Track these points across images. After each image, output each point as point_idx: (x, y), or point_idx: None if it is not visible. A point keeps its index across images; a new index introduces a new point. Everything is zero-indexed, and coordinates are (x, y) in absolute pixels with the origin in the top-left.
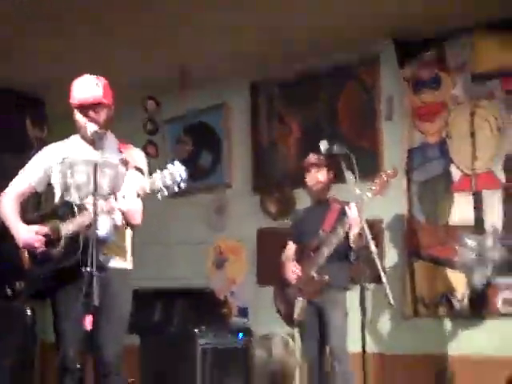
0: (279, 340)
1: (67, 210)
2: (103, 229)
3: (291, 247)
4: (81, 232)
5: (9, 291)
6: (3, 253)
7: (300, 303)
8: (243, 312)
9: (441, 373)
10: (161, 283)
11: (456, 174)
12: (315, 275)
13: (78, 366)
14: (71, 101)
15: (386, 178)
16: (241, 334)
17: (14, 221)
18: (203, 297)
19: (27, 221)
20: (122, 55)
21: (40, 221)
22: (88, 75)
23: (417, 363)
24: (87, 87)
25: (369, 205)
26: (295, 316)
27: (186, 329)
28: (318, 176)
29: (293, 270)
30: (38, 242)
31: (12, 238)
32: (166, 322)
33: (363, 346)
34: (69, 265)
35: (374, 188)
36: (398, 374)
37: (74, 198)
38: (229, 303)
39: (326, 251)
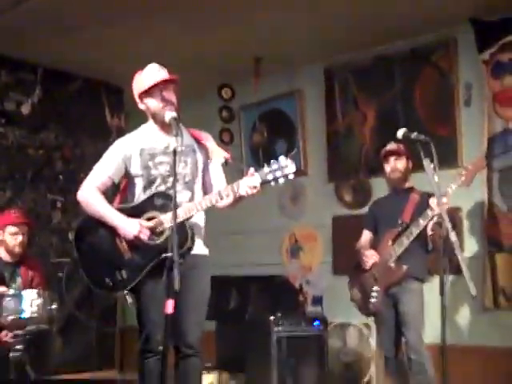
0: (354, 329)
1: (166, 201)
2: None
3: (366, 236)
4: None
5: (109, 282)
6: (96, 244)
7: (376, 293)
8: (318, 301)
9: None
10: (237, 271)
11: None
12: (393, 265)
13: (160, 348)
14: (140, 89)
15: (473, 169)
16: (316, 323)
17: (114, 214)
18: (278, 284)
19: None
20: (198, 44)
21: (135, 211)
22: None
23: (497, 356)
24: (155, 70)
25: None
26: (371, 306)
27: (262, 316)
28: (396, 165)
29: (370, 257)
30: (145, 234)
31: (100, 228)
32: (242, 308)
33: (443, 339)
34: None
35: (460, 179)
36: (478, 367)
37: (160, 188)
38: (304, 291)
39: (406, 241)
